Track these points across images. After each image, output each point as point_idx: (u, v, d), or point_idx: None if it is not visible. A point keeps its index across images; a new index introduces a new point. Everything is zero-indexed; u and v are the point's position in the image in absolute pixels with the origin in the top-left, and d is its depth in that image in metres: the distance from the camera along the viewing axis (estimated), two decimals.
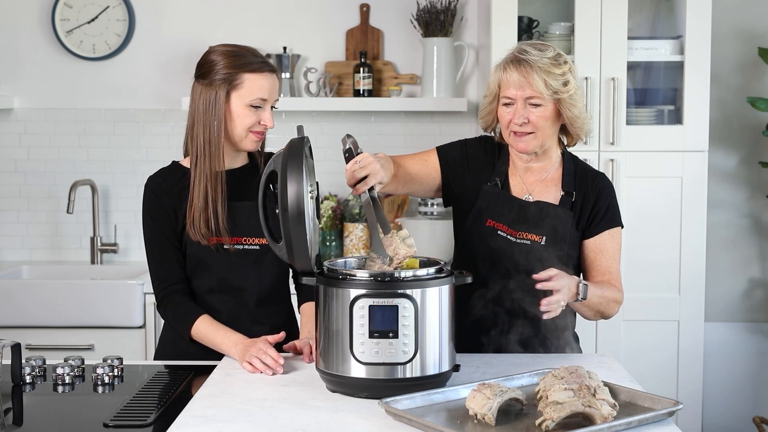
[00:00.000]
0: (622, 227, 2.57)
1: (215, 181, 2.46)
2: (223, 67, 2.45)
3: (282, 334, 2.41)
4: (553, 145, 2.54)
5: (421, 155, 2.64)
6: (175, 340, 2.54)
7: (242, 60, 2.46)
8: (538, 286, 2.26)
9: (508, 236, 2.50)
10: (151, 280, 2.55)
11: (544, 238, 2.47)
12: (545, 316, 2.26)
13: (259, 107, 2.46)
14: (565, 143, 2.59)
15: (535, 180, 2.55)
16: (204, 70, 2.49)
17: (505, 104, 2.46)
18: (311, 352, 2.39)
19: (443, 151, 2.63)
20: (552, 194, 2.53)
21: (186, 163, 2.54)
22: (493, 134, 2.63)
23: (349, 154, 2.24)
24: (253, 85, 2.45)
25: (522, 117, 2.43)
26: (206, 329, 2.45)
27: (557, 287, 2.25)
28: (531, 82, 2.40)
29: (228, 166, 2.53)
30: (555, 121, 2.48)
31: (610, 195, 2.55)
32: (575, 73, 2.48)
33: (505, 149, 2.60)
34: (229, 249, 2.49)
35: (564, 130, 2.55)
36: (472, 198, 2.56)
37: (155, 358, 2.63)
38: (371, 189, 2.25)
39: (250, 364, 2.30)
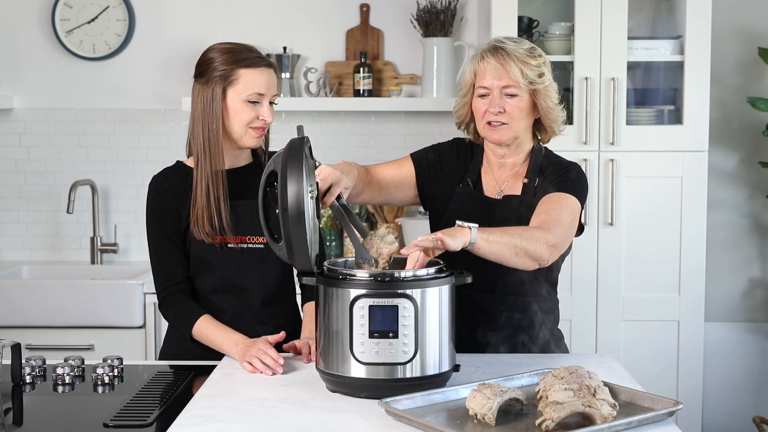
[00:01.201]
0: (582, 206, 2.45)
1: (216, 179, 2.46)
2: (219, 64, 2.46)
3: (282, 334, 2.41)
4: (527, 140, 2.54)
5: (395, 161, 2.64)
6: (179, 340, 2.54)
7: (238, 56, 2.46)
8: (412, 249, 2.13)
9: None
10: (153, 279, 2.56)
11: None
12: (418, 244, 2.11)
13: (257, 102, 2.47)
14: (540, 139, 2.58)
15: (507, 175, 2.54)
16: (201, 69, 2.50)
17: (481, 95, 2.46)
18: (310, 352, 2.39)
19: (417, 156, 2.64)
20: (519, 187, 2.52)
21: (190, 162, 2.55)
22: (465, 132, 2.62)
23: None
24: (248, 80, 2.45)
25: (498, 106, 2.42)
26: (207, 329, 2.45)
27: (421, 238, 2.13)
28: (508, 70, 2.41)
29: (231, 165, 2.53)
30: (529, 113, 2.47)
31: (571, 171, 2.47)
32: (549, 68, 2.49)
33: (479, 149, 2.59)
34: (234, 248, 2.49)
35: (537, 125, 2.54)
36: (446, 200, 2.56)
37: (159, 358, 2.63)
38: (339, 198, 2.28)
39: (250, 364, 2.30)
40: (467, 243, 2.13)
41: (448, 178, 2.58)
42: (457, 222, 2.17)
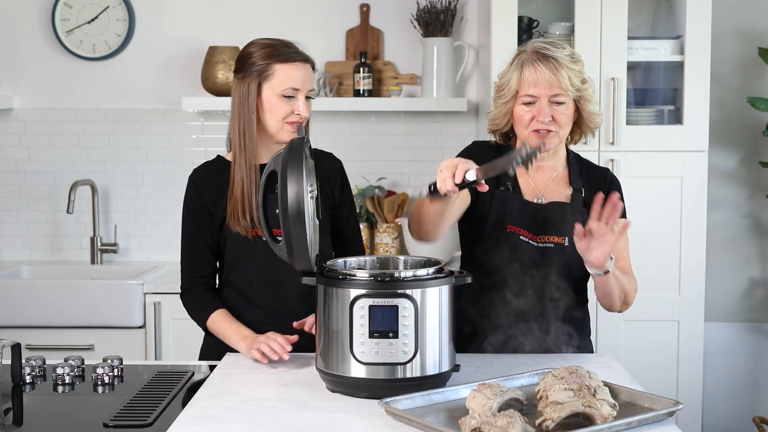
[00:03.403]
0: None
1: (251, 173, 2.49)
2: (256, 59, 2.49)
3: (295, 337, 2.41)
4: (563, 144, 2.54)
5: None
6: (217, 338, 2.55)
7: (274, 51, 2.49)
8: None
9: (530, 241, 2.46)
10: (180, 270, 2.60)
11: (567, 239, 2.45)
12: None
13: (292, 97, 2.49)
14: (569, 140, 2.57)
15: (546, 179, 2.53)
16: (240, 64, 2.54)
17: (526, 103, 2.41)
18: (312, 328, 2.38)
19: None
20: (563, 193, 2.52)
21: (230, 157, 2.58)
22: (494, 137, 2.59)
23: (433, 188, 2.13)
24: (283, 75, 2.48)
25: (547, 115, 2.38)
26: (220, 322, 2.48)
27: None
28: (560, 79, 2.37)
29: (268, 160, 2.55)
30: (572, 119, 2.46)
31: (619, 188, 2.56)
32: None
33: (508, 150, 2.54)
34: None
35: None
36: (487, 205, 2.49)
37: (201, 352, 2.64)
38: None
39: (259, 351, 2.31)
40: (605, 269, 2.30)
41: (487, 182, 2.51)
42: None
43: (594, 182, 2.54)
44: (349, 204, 2.67)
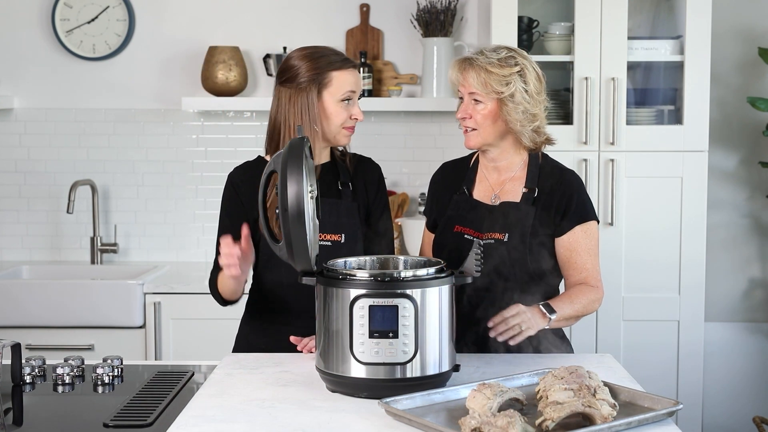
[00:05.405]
0: (598, 222, 2.59)
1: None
2: (308, 69, 2.53)
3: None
4: (508, 145, 2.57)
5: (428, 240, 2.72)
6: (249, 336, 2.61)
7: (326, 60, 2.54)
8: (491, 324, 2.35)
9: (475, 239, 2.55)
10: (213, 264, 2.62)
11: (507, 234, 2.52)
12: (512, 342, 2.35)
13: (350, 100, 2.55)
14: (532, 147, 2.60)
15: (503, 179, 2.61)
16: (288, 75, 2.56)
17: (460, 98, 2.58)
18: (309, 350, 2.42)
19: (429, 220, 2.73)
20: (518, 192, 2.58)
21: (269, 158, 2.60)
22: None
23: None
24: (341, 80, 2.54)
25: (463, 112, 2.53)
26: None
27: (514, 322, 2.33)
28: (467, 79, 2.50)
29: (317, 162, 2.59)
30: (497, 120, 2.52)
31: (577, 189, 2.57)
32: (528, 78, 2.50)
33: (467, 159, 2.70)
34: None
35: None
36: (444, 211, 2.66)
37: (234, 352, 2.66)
38: None
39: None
40: (545, 326, 2.41)
41: (447, 193, 2.68)
42: (541, 306, 2.40)
43: (549, 182, 2.57)
44: (383, 206, 2.72)
